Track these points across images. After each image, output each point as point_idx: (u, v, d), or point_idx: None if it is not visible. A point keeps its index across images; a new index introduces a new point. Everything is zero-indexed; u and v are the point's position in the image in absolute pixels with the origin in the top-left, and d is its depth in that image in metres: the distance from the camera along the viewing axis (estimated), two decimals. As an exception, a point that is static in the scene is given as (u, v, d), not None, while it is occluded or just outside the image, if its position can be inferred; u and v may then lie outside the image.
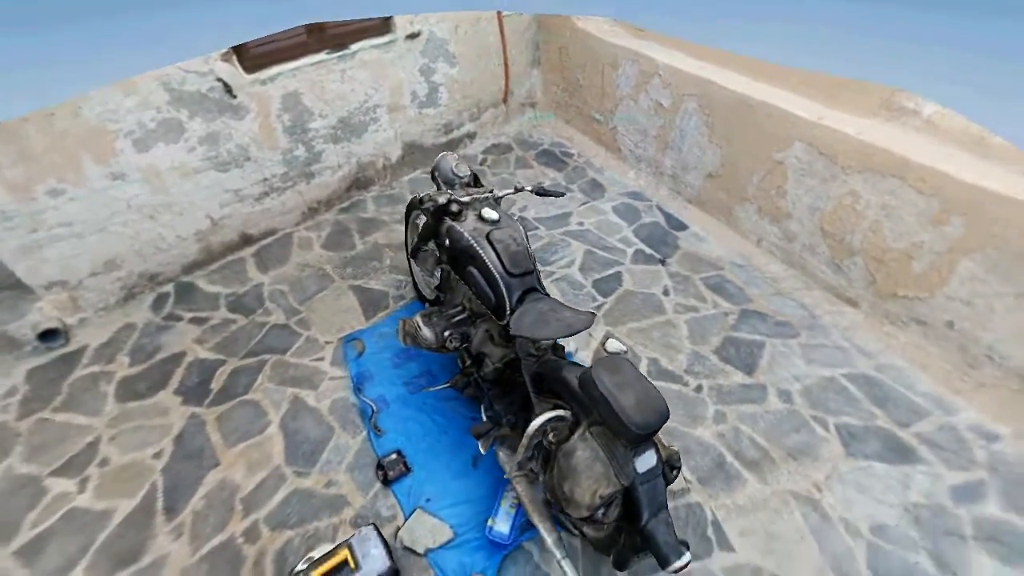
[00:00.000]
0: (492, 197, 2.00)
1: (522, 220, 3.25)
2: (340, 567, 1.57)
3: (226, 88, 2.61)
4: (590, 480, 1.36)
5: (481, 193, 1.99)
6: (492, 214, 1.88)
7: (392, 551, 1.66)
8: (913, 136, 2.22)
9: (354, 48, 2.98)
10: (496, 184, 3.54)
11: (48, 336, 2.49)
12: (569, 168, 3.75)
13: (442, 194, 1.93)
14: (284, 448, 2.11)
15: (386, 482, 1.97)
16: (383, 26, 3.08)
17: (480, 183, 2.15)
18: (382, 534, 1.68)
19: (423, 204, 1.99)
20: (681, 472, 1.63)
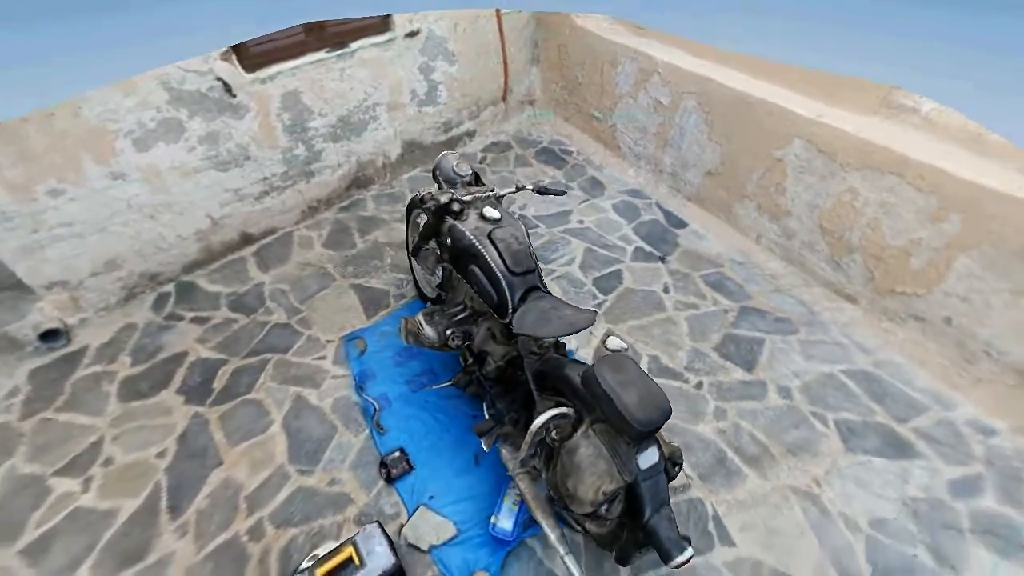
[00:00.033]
0: (493, 196, 2.01)
1: (522, 218, 3.26)
2: (345, 564, 1.58)
3: (226, 87, 2.60)
4: (593, 477, 1.37)
5: (482, 192, 2.00)
6: (494, 213, 1.89)
7: (396, 548, 1.67)
8: (912, 133, 2.23)
9: (353, 46, 2.98)
10: (496, 182, 3.54)
11: (49, 336, 2.50)
12: (568, 166, 3.76)
13: (444, 193, 1.94)
14: (287, 447, 2.11)
15: (389, 480, 1.98)
16: (382, 24, 3.08)
17: (481, 182, 2.15)
18: (386, 531, 1.70)
19: (424, 203, 1.99)
20: (682, 468, 1.65)
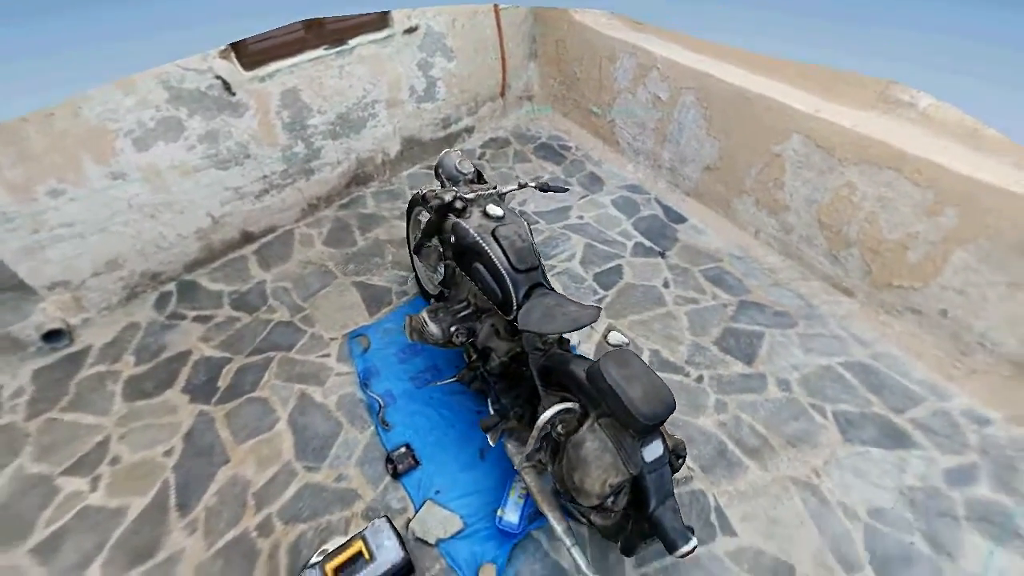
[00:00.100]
0: (496, 193, 2.02)
1: (522, 214, 3.25)
2: (355, 558, 1.61)
3: (225, 85, 2.60)
4: (599, 470, 1.40)
5: (485, 189, 2.01)
6: (497, 210, 1.90)
7: (404, 542, 1.70)
8: (909, 128, 2.26)
9: (352, 43, 2.97)
10: (495, 178, 3.55)
11: (52, 337, 2.50)
12: (567, 161, 3.76)
13: (447, 191, 1.95)
14: (293, 444, 2.13)
15: (396, 475, 2.00)
16: (380, 21, 3.07)
17: (484, 179, 2.17)
18: (394, 526, 1.72)
19: (427, 201, 2.00)
20: (686, 461, 1.68)
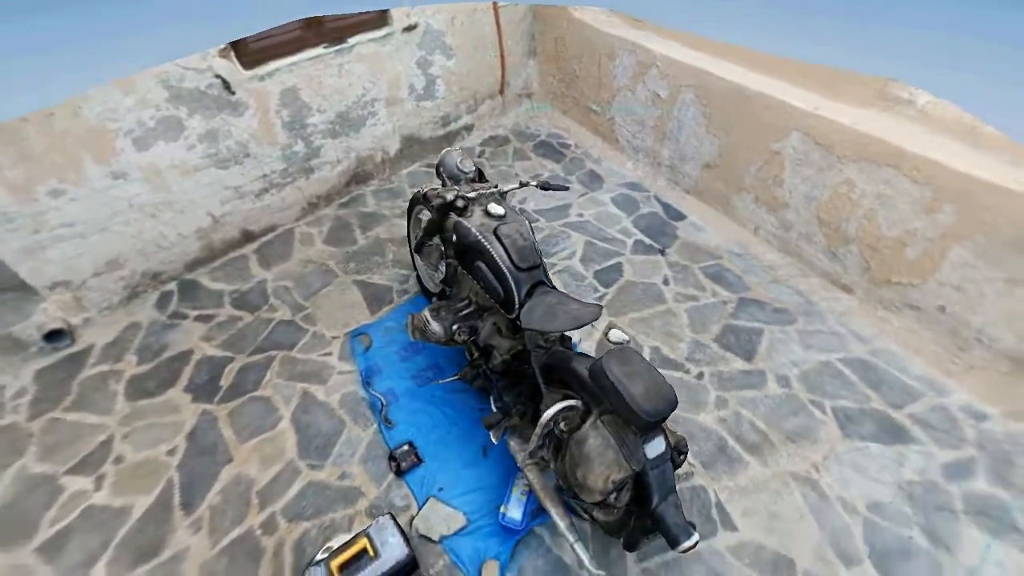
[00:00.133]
0: (497, 192, 2.03)
1: (522, 212, 3.28)
2: (360, 555, 1.62)
3: (224, 85, 2.59)
4: (602, 466, 1.41)
5: (486, 188, 2.02)
6: (498, 209, 1.91)
7: (408, 539, 1.71)
8: (907, 126, 2.27)
9: (351, 42, 2.97)
10: (495, 176, 3.55)
11: (54, 337, 2.50)
12: (567, 159, 3.77)
13: (449, 190, 1.95)
14: (296, 442, 2.14)
15: (399, 473, 2.01)
16: (380, 19, 3.07)
17: (484, 178, 2.17)
18: (399, 523, 1.73)
19: (428, 199, 2.01)
20: (687, 457, 1.69)
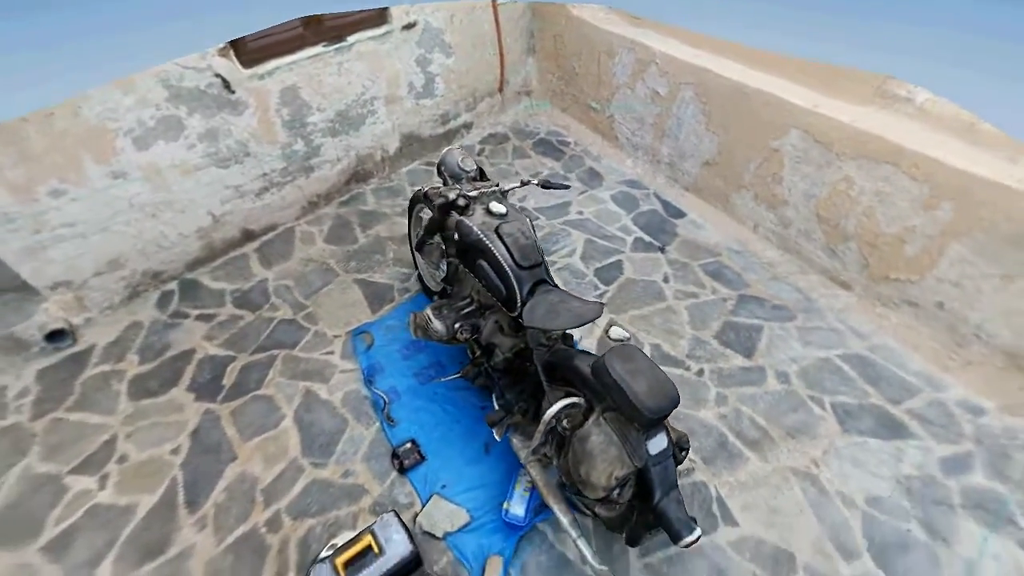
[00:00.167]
0: (499, 191, 2.04)
1: (523, 210, 3.27)
2: (365, 552, 1.63)
3: (224, 83, 2.59)
4: (605, 463, 1.43)
5: (488, 187, 2.02)
6: (500, 208, 1.92)
7: (413, 536, 1.73)
8: (906, 123, 2.28)
9: (351, 40, 2.96)
10: (494, 174, 3.56)
11: (55, 337, 2.50)
12: (566, 157, 3.77)
13: (451, 189, 1.96)
14: (300, 440, 2.16)
15: (402, 470, 2.03)
16: (379, 17, 3.06)
17: (486, 177, 2.18)
18: (403, 520, 1.75)
19: (429, 198, 2.01)
20: (689, 453, 1.71)
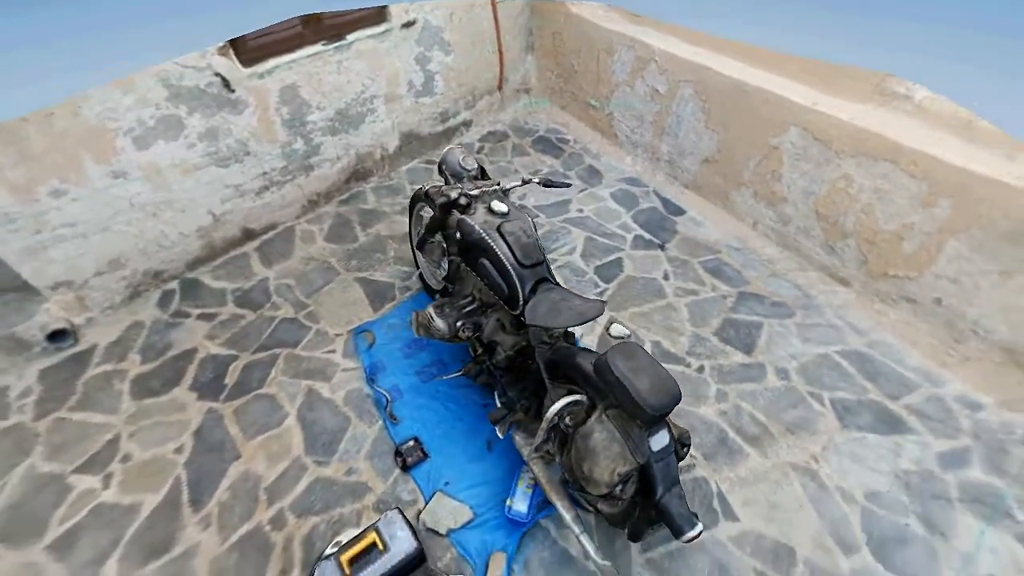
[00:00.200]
0: (500, 189, 2.04)
1: (523, 208, 3.28)
2: (369, 549, 1.64)
3: (224, 83, 2.59)
4: (608, 459, 1.44)
5: (489, 186, 2.03)
6: (501, 206, 1.92)
7: (416, 533, 1.74)
8: (905, 121, 2.29)
9: (350, 38, 2.96)
10: (494, 172, 3.56)
11: (57, 336, 2.50)
12: (566, 155, 3.78)
13: (452, 188, 1.97)
14: (303, 439, 2.16)
15: (405, 468, 2.04)
16: (378, 15, 3.06)
17: (487, 175, 2.18)
18: (406, 517, 1.76)
19: (430, 197, 2.02)
20: (690, 449, 1.73)
